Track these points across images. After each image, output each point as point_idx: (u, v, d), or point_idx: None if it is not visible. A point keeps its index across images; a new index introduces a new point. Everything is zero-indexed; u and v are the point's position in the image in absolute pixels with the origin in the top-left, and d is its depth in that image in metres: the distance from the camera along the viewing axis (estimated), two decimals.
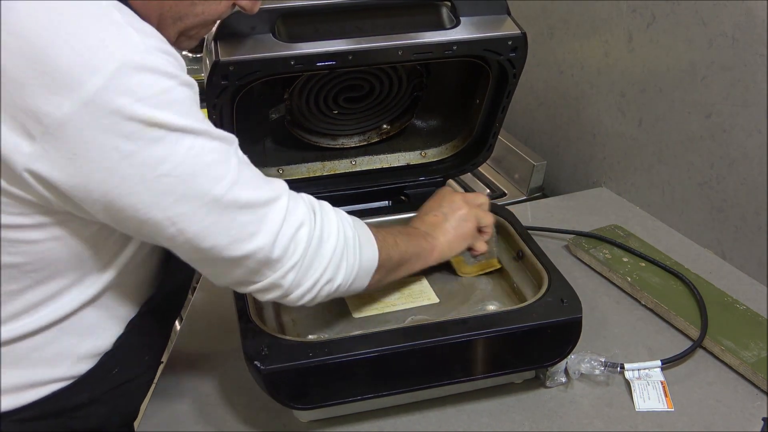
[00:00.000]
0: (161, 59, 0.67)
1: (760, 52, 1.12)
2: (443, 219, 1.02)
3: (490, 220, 1.06)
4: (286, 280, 0.79)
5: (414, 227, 1.02)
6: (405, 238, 0.95)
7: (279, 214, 0.77)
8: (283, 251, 0.77)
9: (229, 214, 0.72)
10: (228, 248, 0.74)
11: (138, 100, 0.64)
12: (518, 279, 1.06)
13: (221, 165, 0.71)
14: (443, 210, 1.04)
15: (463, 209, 1.04)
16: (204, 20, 0.79)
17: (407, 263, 0.95)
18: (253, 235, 0.74)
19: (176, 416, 0.96)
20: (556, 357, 0.94)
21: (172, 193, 0.68)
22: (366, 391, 0.89)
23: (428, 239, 0.99)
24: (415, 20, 1.00)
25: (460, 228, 1.03)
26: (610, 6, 1.38)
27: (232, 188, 0.72)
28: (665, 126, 1.32)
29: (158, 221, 0.69)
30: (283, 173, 1.20)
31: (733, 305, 1.12)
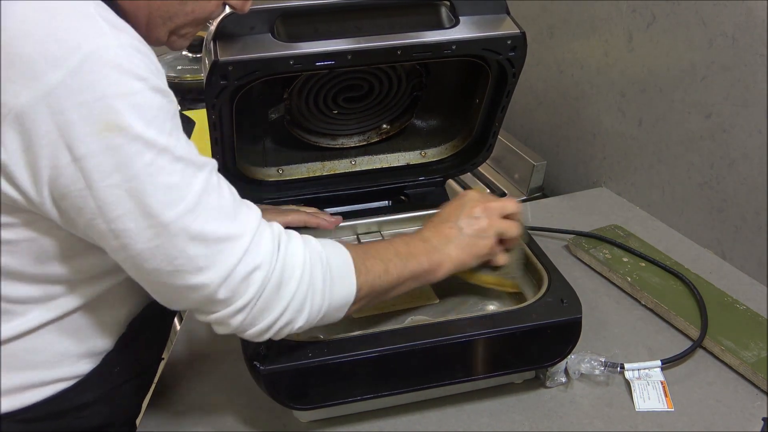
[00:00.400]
0: (133, 58, 0.63)
1: (760, 52, 1.11)
2: (458, 233, 0.92)
3: (515, 233, 0.96)
4: (235, 320, 0.74)
5: (423, 239, 0.92)
6: (401, 261, 0.86)
7: (235, 254, 0.70)
8: (231, 293, 0.71)
9: (177, 242, 0.67)
10: (171, 275, 0.69)
11: (99, 98, 0.61)
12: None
13: (178, 190, 0.66)
14: (461, 222, 0.93)
15: (484, 223, 0.93)
16: (195, 19, 0.77)
17: (400, 287, 0.88)
18: (201, 270, 0.69)
19: (176, 416, 0.96)
20: (556, 357, 0.94)
21: (118, 207, 0.64)
22: (366, 392, 0.89)
23: (433, 257, 0.89)
24: (414, 20, 1.00)
25: (476, 245, 0.93)
26: (610, 6, 1.38)
27: (186, 216, 0.67)
28: (665, 126, 1.32)
29: (102, 231, 0.66)
30: (283, 173, 1.19)
31: (733, 305, 1.12)
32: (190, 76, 1.81)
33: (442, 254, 0.90)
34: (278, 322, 0.76)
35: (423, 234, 0.93)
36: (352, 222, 1.15)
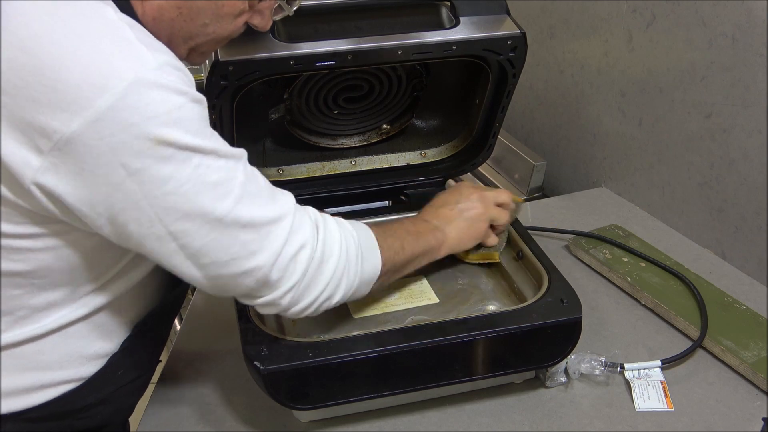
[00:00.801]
0: (172, 76, 0.66)
1: (760, 52, 1.12)
2: (458, 215, 1.02)
3: (505, 220, 1.07)
4: (284, 300, 0.79)
5: (425, 219, 1.01)
6: (413, 238, 0.95)
7: (282, 234, 0.76)
8: (281, 272, 0.77)
9: (231, 232, 0.72)
10: (227, 265, 0.74)
11: (148, 119, 0.64)
12: (518, 279, 1.06)
13: (227, 183, 0.71)
14: (460, 206, 1.03)
15: (480, 208, 1.03)
16: (215, 39, 0.79)
17: (413, 263, 0.96)
18: (254, 253, 0.74)
19: (176, 416, 0.96)
20: (556, 357, 0.94)
21: (175, 211, 0.68)
22: (366, 392, 0.89)
23: (437, 235, 0.99)
24: (414, 20, 1.00)
25: (473, 228, 1.03)
26: (610, 6, 1.38)
27: (236, 206, 0.71)
28: (665, 126, 1.32)
29: (160, 236, 0.69)
30: (283, 173, 1.19)
31: (733, 305, 1.12)
32: None
33: (444, 233, 1.00)
34: (320, 297, 0.81)
35: (425, 216, 1.02)
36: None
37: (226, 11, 0.76)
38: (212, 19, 0.76)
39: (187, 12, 0.74)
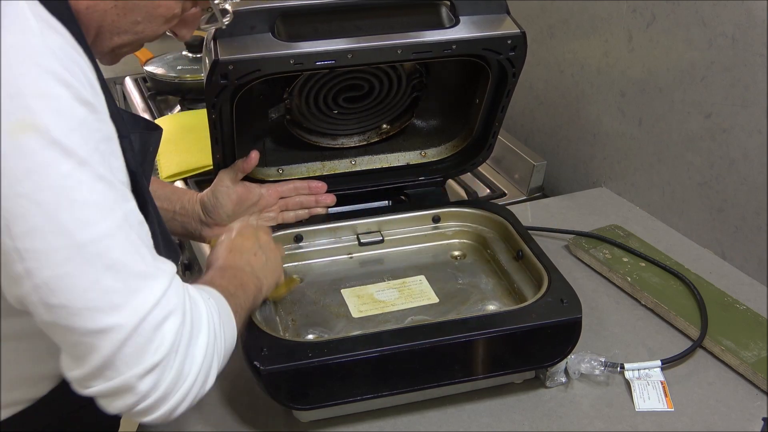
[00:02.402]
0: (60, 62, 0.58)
1: (760, 52, 1.12)
2: (264, 260, 0.93)
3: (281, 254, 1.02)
4: (143, 384, 0.62)
5: (240, 267, 0.89)
6: (242, 291, 0.84)
7: (153, 294, 0.63)
8: (145, 341, 0.62)
9: (91, 270, 0.59)
10: (79, 315, 0.60)
11: (15, 96, 0.56)
12: (518, 279, 1.06)
13: (98, 210, 0.59)
14: (262, 249, 0.94)
15: (276, 250, 0.97)
16: (139, 39, 0.75)
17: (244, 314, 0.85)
18: (115, 308, 0.60)
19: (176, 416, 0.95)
20: (555, 357, 0.94)
21: (27, 220, 0.57)
22: (365, 392, 0.89)
23: (257, 282, 0.89)
24: (414, 19, 1.00)
25: (277, 271, 0.96)
26: (610, 6, 1.38)
27: (105, 239, 0.60)
28: (665, 126, 1.32)
29: (7, 251, 0.58)
30: (283, 173, 1.20)
31: (733, 305, 1.12)
32: (190, 76, 1.81)
33: (259, 280, 0.90)
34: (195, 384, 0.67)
35: (237, 263, 0.89)
36: (352, 222, 1.15)
37: (160, 12, 0.73)
38: (145, 18, 0.72)
39: (122, 6, 0.70)
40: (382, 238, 1.15)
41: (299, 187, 1.16)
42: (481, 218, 1.17)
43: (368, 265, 1.14)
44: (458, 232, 1.18)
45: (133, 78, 2.03)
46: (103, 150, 0.61)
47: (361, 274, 1.11)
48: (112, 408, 0.64)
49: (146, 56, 1.95)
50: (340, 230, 1.15)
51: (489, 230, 1.16)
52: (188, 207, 1.10)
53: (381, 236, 1.15)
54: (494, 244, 1.14)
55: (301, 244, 1.13)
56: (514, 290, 1.06)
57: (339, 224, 1.15)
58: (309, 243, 1.14)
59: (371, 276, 1.11)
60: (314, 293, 1.07)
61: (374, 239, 1.15)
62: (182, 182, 1.50)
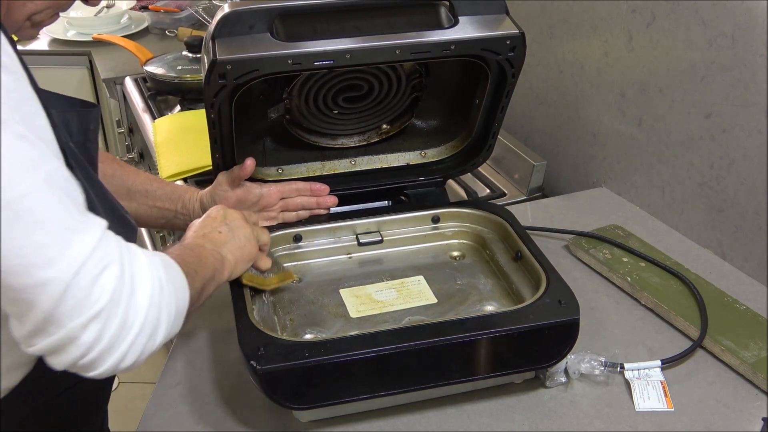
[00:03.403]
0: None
1: (760, 52, 1.11)
2: (230, 237, 0.92)
3: (267, 238, 1.00)
4: (87, 334, 0.63)
5: (198, 245, 0.89)
6: (199, 262, 0.84)
7: (86, 246, 0.63)
8: (83, 292, 0.62)
9: (21, 227, 0.60)
10: (16, 274, 0.60)
11: None
12: (517, 280, 1.06)
13: (23, 169, 0.60)
14: (228, 227, 0.93)
15: (247, 228, 0.95)
16: (56, 4, 0.75)
17: (205, 290, 0.84)
18: (50, 262, 0.61)
19: (176, 416, 0.96)
20: (553, 358, 0.94)
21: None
22: (363, 392, 0.89)
23: (217, 257, 0.89)
24: (413, 19, 1.00)
25: (246, 248, 0.94)
26: (610, 6, 1.38)
27: (30, 196, 0.60)
28: (665, 126, 1.32)
29: None
30: (283, 173, 1.20)
31: (733, 305, 1.12)
32: (190, 76, 1.81)
33: (222, 256, 0.89)
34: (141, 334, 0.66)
35: (195, 241, 0.90)
36: (352, 222, 1.15)
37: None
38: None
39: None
40: (382, 238, 1.15)
41: (301, 189, 1.16)
42: (480, 219, 1.17)
43: (367, 265, 1.14)
44: (457, 233, 1.18)
45: (133, 78, 2.03)
46: (24, 110, 0.62)
47: (359, 274, 1.11)
48: (58, 363, 0.64)
49: (146, 56, 1.95)
50: (339, 230, 1.15)
51: (488, 231, 1.16)
52: (189, 206, 1.11)
53: (380, 236, 1.15)
54: (493, 245, 1.14)
55: (300, 243, 1.13)
56: (513, 291, 1.06)
57: (338, 224, 1.15)
58: (308, 243, 1.14)
59: (370, 276, 1.10)
60: (313, 293, 1.07)
61: (373, 239, 1.15)
62: (182, 182, 1.50)
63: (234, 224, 0.94)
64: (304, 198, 1.16)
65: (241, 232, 0.94)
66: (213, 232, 0.92)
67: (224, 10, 0.93)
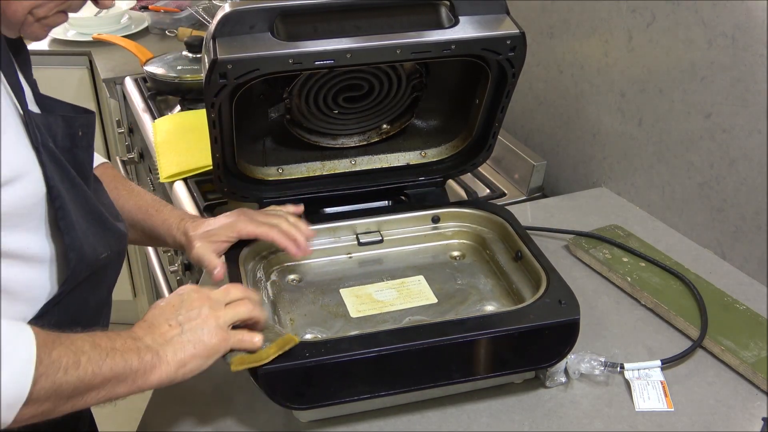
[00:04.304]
0: None
1: (760, 52, 1.11)
2: (178, 332, 0.79)
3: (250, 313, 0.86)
4: None
5: (133, 336, 0.78)
6: (100, 355, 0.73)
7: None
8: None
9: None
10: None
11: None
12: (517, 280, 1.06)
13: None
14: (180, 317, 0.81)
15: (208, 320, 0.81)
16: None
17: (98, 389, 0.73)
18: None
19: (176, 416, 0.96)
20: (553, 358, 0.94)
21: None
22: (363, 392, 0.89)
23: (145, 357, 0.76)
24: (413, 19, 1.00)
25: (203, 343, 0.80)
26: (610, 6, 1.38)
27: None
28: (665, 126, 1.32)
29: None
30: (283, 172, 1.19)
31: (733, 305, 1.12)
32: (190, 76, 1.81)
33: (159, 356, 0.77)
34: None
35: (134, 332, 0.79)
36: (352, 222, 1.15)
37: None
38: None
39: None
40: (382, 238, 1.15)
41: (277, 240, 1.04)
42: (480, 218, 1.17)
43: (367, 265, 1.14)
44: (457, 233, 1.18)
45: (133, 78, 2.03)
46: None
47: (360, 274, 1.11)
48: None
49: (146, 56, 1.95)
50: (339, 230, 1.15)
51: (488, 231, 1.16)
52: (177, 240, 1.06)
53: (380, 236, 1.15)
54: (493, 245, 1.14)
55: None
56: (513, 291, 1.06)
57: (338, 224, 1.15)
58: (308, 243, 1.14)
59: (370, 276, 1.11)
60: (313, 293, 1.07)
61: (373, 239, 1.15)
62: (182, 182, 1.50)
63: (191, 314, 0.81)
64: (281, 235, 1.04)
65: (197, 324, 0.81)
66: (162, 323, 0.80)
67: (225, 9, 0.93)
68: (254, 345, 0.84)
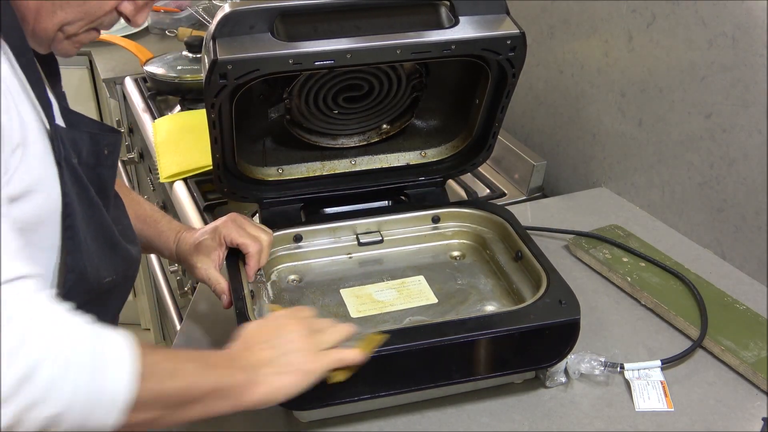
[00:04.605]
0: None
1: (760, 52, 1.11)
2: (273, 356, 0.79)
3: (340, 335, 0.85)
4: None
5: (230, 357, 0.78)
6: (199, 368, 0.73)
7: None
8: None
9: None
10: None
11: None
12: (517, 280, 1.06)
13: None
14: (276, 341, 0.80)
15: (299, 342, 0.81)
16: (85, 13, 0.74)
17: (204, 401, 0.72)
18: None
19: None
20: (554, 358, 0.94)
21: None
22: (363, 392, 0.89)
23: (239, 376, 0.76)
24: (413, 19, 1.00)
25: (298, 366, 0.79)
26: (610, 6, 1.38)
27: None
28: (665, 126, 1.32)
29: None
30: (283, 173, 1.19)
31: (733, 305, 1.12)
32: (190, 76, 1.81)
33: (254, 377, 0.77)
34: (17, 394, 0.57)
35: (230, 352, 0.79)
36: (352, 222, 1.15)
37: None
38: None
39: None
40: (382, 238, 1.15)
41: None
42: (480, 219, 1.17)
43: (367, 265, 1.14)
44: (458, 233, 1.18)
45: (133, 78, 2.03)
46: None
47: (360, 274, 1.11)
48: None
49: (146, 56, 1.95)
50: (339, 230, 1.15)
51: (488, 231, 1.16)
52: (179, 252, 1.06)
53: (380, 236, 1.15)
54: (493, 245, 1.14)
55: (300, 243, 1.13)
56: (513, 291, 1.06)
57: (338, 224, 1.15)
58: (308, 243, 1.14)
59: (370, 276, 1.11)
60: (313, 293, 1.07)
61: (374, 239, 1.15)
62: (182, 182, 1.50)
63: (287, 337, 0.81)
64: None
65: (293, 347, 0.80)
66: (256, 346, 0.79)
67: (225, 10, 0.93)
68: (355, 361, 0.83)
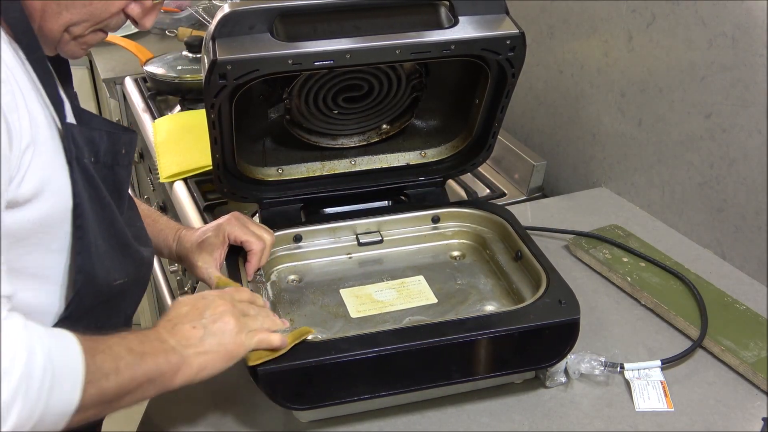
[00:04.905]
0: None
1: (760, 52, 1.11)
2: (202, 335, 0.80)
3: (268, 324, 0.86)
4: None
5: (159, 339, 0.79)
6: (135, 359, 0.74)
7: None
8: None
9: None
10: None
11: None
12: (517, 279, 1.06)
13: None
14: (203, 321, 0.81)
15: (229, 323, 0.82)
16: (91, 15, 0.75)
17: (134, 392, 0.74)
18: None
19: (176, 416, 0.96)
20: (553, 358, 0.94)
21: None
22: (363, 392, 0.89)
23: (172, 358, 0.77)
24: (413, 19, 1.00)
25: (225, 346, 0.81)
26: (610, 6, 1.38)
27: None
28: (665, 126, 1.32)
29: None
30: (283, 173, 1.19)
31: (733, 305, 1.12)
32: (190, 76, 1.81)
33: (183, 358, 0.78)
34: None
35: (159, 333, 0.80)
36: (352, 222, 1.15)
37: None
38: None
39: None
40: (382, 238, 1.15)
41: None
42: (480, 218, 1.17)
43: (367, 265, 1.14)
44: (457, 233, 1.18)
45: (133, 78, 2.03)
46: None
47: (360, 275, 1.11)
48: None
49: (146, 56, 1.95)
50: (339, 230, 1.15)
51: (488, 230, 1.16)
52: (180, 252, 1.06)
53: (380, 236, 1.15)
54: (493, 245, 1.14)
55: (300, 243, 1.13)
56: (513, 291, 1.06)
57: (338, 224, 1.15)
58: (308, 243, 1.14)
59: (370, 276, 1.11)
60: (313, 293, 1.07)
61: (373, 239, 1.15)
62: (182, 182, 1.50)
63: (214, 317, 0.82)
64: None
65: (219, 328, 0.81)
66: (185, 325, 0.81)
67: (224, 10, 0.93)
68: (275, 344, 0.84)
